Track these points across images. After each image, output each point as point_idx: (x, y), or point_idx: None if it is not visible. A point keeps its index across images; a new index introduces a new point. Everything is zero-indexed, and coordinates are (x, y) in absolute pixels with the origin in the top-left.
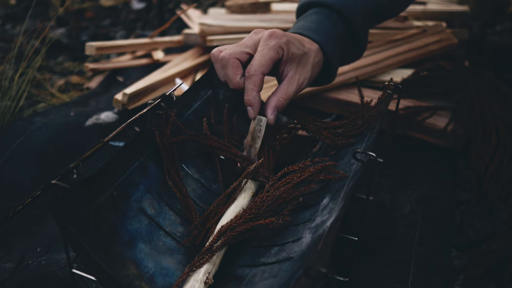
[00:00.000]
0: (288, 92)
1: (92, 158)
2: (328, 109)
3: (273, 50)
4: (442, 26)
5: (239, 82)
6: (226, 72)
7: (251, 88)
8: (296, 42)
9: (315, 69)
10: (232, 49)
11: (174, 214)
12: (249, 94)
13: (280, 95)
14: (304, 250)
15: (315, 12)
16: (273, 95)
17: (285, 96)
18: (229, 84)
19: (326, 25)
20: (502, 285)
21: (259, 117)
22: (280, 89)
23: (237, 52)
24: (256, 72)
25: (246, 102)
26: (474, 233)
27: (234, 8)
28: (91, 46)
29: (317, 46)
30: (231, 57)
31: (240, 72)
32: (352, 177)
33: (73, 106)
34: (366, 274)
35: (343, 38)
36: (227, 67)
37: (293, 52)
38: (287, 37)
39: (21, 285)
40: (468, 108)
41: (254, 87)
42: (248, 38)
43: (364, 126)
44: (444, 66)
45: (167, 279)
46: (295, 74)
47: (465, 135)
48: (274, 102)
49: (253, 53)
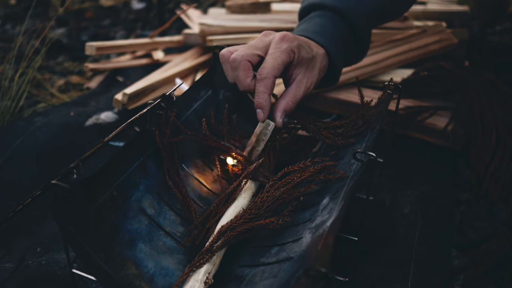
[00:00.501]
0: (296, 96)
1: (92, 158)
2: (328, 109)
3: (285, 53)
4: (442, 26)
5: (250, 84)
6: (237, 74)
7: (263, 91)
8: (305, 45)
9: (321, 73)
10: (243, 51)
11: (174, 214)
12: (260, 96)
13: (289, 99)
14: (304, 250)
15: (318, 15)
16: (281, 99)
17: (293, 100)
18: (239, 86)
19: (329, 28)
20: (502, 285)
21: (267, 121)
22: (289, 92)
23: (248, 54)
24: (269, 75)
25: (257, 104)
26: (474, 233)
27: (234, 8)
28: (91, 46)
29: (324, 51)
30: (243, 59)
31: (251, 75)
32: (352, 177)
33: (73, 106)
34: (366, 274)
35: (346, 40)
36: (238, 69)
37: (303, 56)
38: (298, 41)
39: (21, 285)
40: (468, 108)
41: (265, 89)
42: (259, 40)
43: (364, 126)
44: (444, 66)
45: (167, 279)
46: (303, 78)
47: (465, 135)
48: (283, 106)
49: (263, 55)
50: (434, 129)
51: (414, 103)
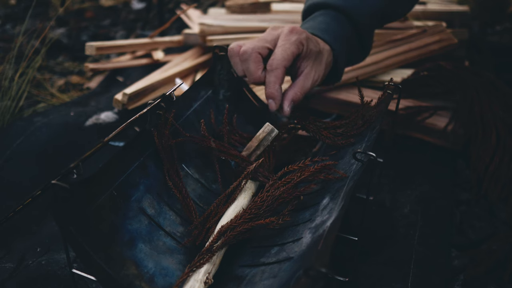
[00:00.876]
0: (305, 87)
1: (92, 158)
2: (328, 109)
3: (295, 45)
4: (442, 26)
5: (261, 76)
6: (247, 66)
7: (274, 81)
8: (313, 39)
9: (327, 68)
10: (253, 44)
11: (174, 214)
12: (271, 87)
13: (297, 89)
14: (304, 250)
15: (323, 14)
16: (290, 89)
17: (301, 90)
18: (249, 79)
19: (334, 26)
20: (502, 285)
21: (271, 127)
22: (297, 83)
23: (258, 47)
24: (279, 66)
25: (268, 95)
26: (474, 233)
27: (234, 8)
28: (91, 46)
29: (329, 47)
30: (253, 51)
31: (262, 67)
32: (352, 177)
33: (73, 106)
34: (366, 274)
35: (350, 40)
36: (248, 61)
37: (311, 48)
38: (306, 34)
39: (21, 285)
40: (468, 108)
41: (276, 80)
42: (267, 33)
43: (364, 126)
44: (444, 66)
45: (167, 279)
46: (311, 70)
47: (465, 135)
48: (291, 95)
49: (272, 48)
50: (434, 129)
51: (414, 103)
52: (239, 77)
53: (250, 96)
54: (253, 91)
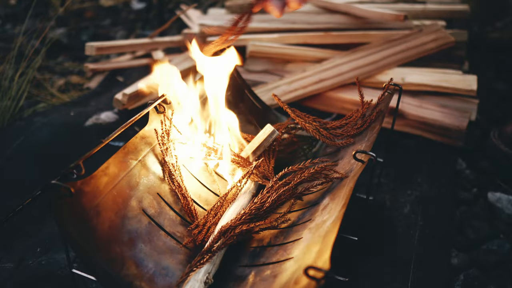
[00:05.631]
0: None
1: (92, 158)
2: (328, 109)
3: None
4: (437, 25)
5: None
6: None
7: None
8: None
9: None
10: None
11: (174, 214)
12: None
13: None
14: (304, 250)
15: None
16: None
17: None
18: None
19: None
20: (502, 285)
21: (272, 129)
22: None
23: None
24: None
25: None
26: (474, 233)
27: (234, 8)
28: (91, 46)
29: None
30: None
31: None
32: (352, 177)
33: (73, 106)
34: (366, 274)
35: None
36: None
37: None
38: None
39: (21, 285)
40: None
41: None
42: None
43: (364, 126)
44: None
45: (167, 279)
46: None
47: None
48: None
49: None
50: (435, 125)
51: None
52: (241, 79)
53: (251, 97)
54: (254, 92)
